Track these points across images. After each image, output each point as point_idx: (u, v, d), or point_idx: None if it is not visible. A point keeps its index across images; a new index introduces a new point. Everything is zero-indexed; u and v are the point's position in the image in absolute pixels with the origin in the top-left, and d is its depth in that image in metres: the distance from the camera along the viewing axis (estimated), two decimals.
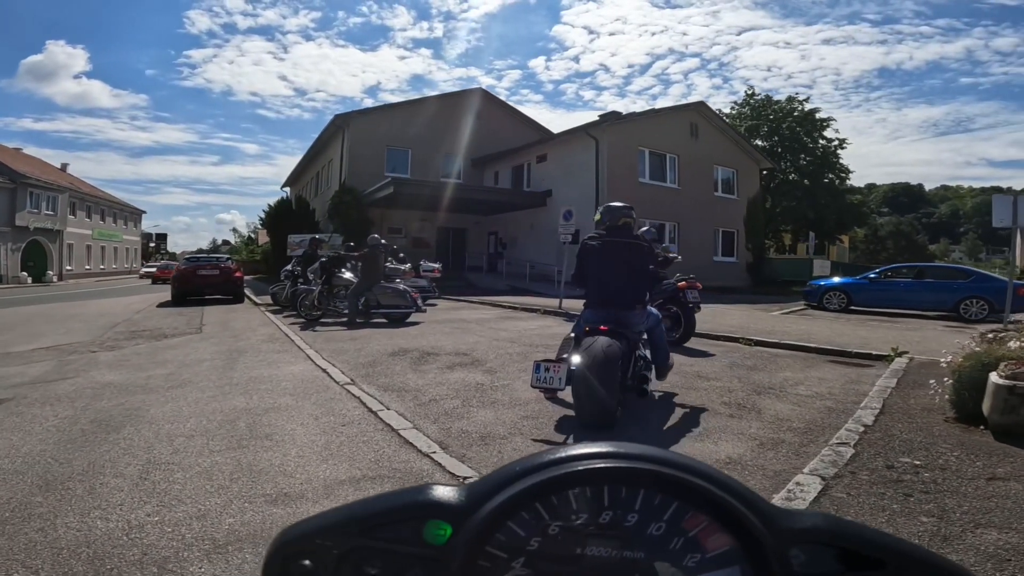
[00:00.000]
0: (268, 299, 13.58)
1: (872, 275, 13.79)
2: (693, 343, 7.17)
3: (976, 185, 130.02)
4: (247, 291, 16.43)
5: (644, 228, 6.33)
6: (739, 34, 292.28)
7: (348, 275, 9.48)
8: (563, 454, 0.37)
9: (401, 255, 13.38)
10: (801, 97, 32.27)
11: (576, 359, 3.54)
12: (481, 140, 24.32)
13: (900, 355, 5.76)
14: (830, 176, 33.28)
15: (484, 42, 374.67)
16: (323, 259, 9.67)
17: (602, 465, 0.36)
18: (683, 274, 7.50)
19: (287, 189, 36.11)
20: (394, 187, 17.93)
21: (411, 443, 3.42)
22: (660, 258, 5.50)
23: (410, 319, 9.44)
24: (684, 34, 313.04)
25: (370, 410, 4.20)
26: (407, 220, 23.17)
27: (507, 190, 22.95)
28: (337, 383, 5.14)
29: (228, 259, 16.97)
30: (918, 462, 2.91)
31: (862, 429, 3.38)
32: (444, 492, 0.38)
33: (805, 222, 33.81)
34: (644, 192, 18.99)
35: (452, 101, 24.83)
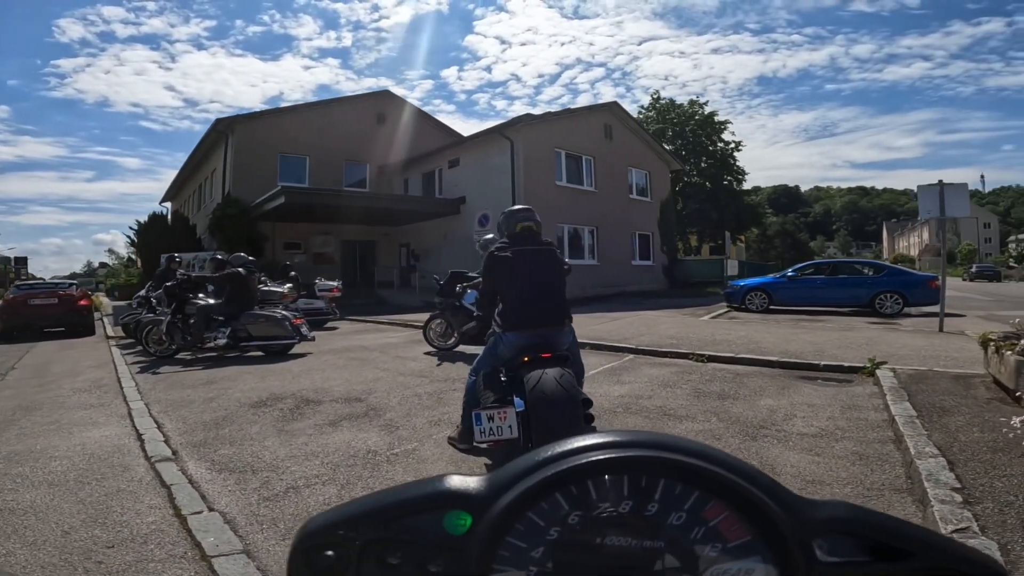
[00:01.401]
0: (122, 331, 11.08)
1: (790, 273, 13.72)
2: (641, 363, 6.09)
3: (843, 185, 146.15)
4: (105, 321, 13.66)
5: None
6: (640, 44, 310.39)
7: (206, 301, 7.51)
8: (583, 443, 0.37)
9: (293, 274, 11.41)
10: (703, 100, 33.41)
11: (520, 400, 2.92)
12: (388, 146, 22.57)
13: (878, 367, 4.97)
14: (728, 178, 34.86)
15: (396, 52, 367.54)
16: (169, 283, 7.61)
17: (622, 454, 0.36)
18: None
19: (167, 204, 32.12)
20: (285, 197, 15.74)
21: None
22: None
23: (296, 350, 7.66)
24: (591, 44, 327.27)
25: (177, 513, 2.64)
26: (306, 234, 20.88)
27: (417, 198, 21.33)
28: (148, 459, 3.50)
29: (72, 285, 13.97)
30: None
31: (956, 497, 2.28)
32: (464, 482, 0.38)
33: (710, 223, 35.15)
34: (562, 195, 18.20)
35: (355, 105, 22.89)
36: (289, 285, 9.53)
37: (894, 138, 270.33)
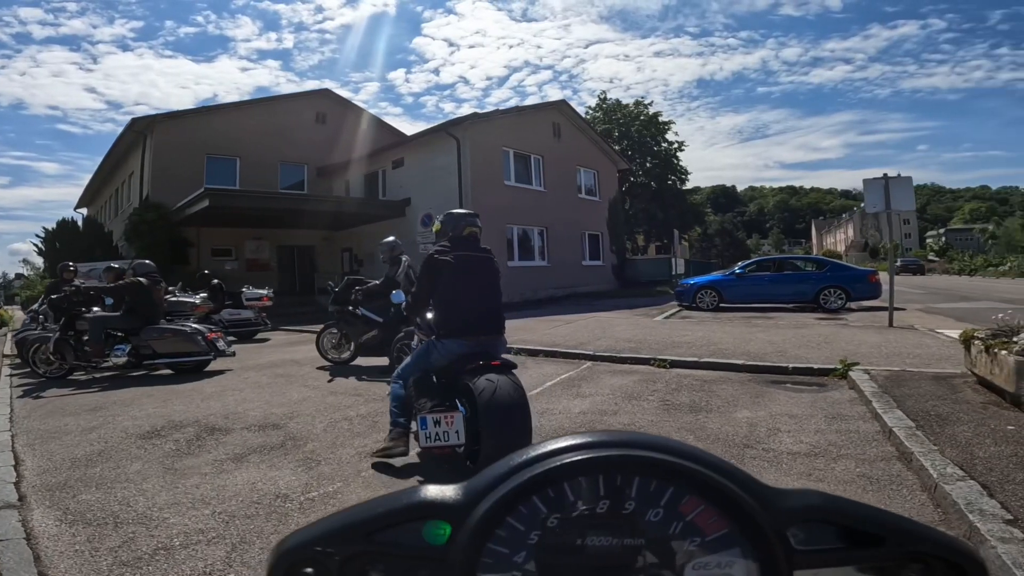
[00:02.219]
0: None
1: (738, 270, 13.75)
2: (601, 371, 5.61)
3: (775, 185, 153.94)
4: (10, 338, 12.03)
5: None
6: (587, 47, 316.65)
7: (99, 314, 6.46)
8: (556, 446, 0.37)
9: (215, 282, 10.31)
10: (647, 101, 33.78)
11: (462, 406, 2.92)
12: (329, 146, 21.42)
13: (850, 368, 4.67)
14: (672, 178, 35.49)
15: (340, 54, 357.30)
16: (55, 296, 6.51)
17: (595, 455, 0.36)
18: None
19: (83, 210, 29.53)
20: (210, 200, 14.44)
21: None
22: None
23: (214, 367, 6.73)
24: (539, 47, 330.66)
25: None
26: (238, 239, 19.46)
27: (360, 200, 20.26)
28: None
29: None
30: None
31: (1016, 532, 1.86)
32: (441, 491, 0.37)
33: (656, 223, 35.69)
34: (511, 195, 17.71)
35: (292, 104, 21.61)
36: (203, 295, 8.37)
37: (819, 139, 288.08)
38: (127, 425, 4.35)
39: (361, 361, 6.78)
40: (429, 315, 3.33)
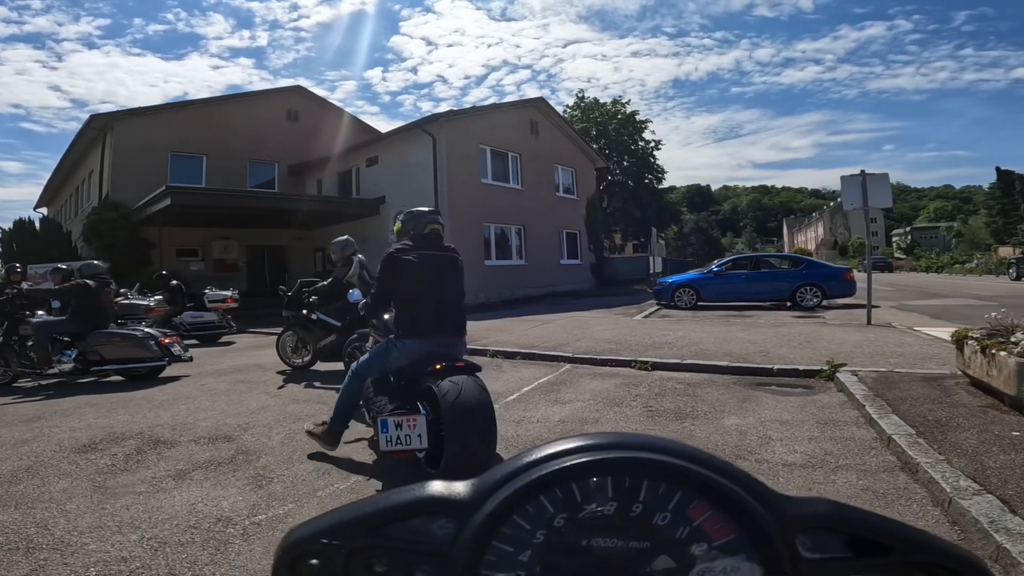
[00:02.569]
0: None
1: (716, 268, 13.72)
2: (581, 374, 5.38)
3: (748, 184, 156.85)
4: None
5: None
6: (565, 46, 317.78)
7: (44, 318, 6.00)
8: (566, 446, 0.37)
9: (174, 283, 9.77)
10: (624, 100, 33.80)
11: (423, 408, 2.84)
12: (301, 144, 20.87)
13: (837, 369, 4.51)
14: (649, 177, 35.62)
15: (316, 52, 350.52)
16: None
17: (605, 456, 0.36)
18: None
19: (43, 210, 28.37)
20: (172, 198, 13.83)
21: None
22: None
23: (169, 373, 6.30)
24: (517, 46, 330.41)
25: None
26: (204, 239, 18.80)
27: (333, 198, 19.74)
28: None
29: None
30: None
31: None
32: (448, 488, 0.37)
33: (633, 221, 35.78)
34: (487, 193, 17.43)
35: (263, 101, 21.04)
36: (157, 297, 7.78)
37: (790, 139, 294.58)
38: (63, 438, 3.96)
39: (321, 366, 6.47)
40: (387, 315, 3.25)
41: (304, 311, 6.24)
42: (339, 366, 5.98)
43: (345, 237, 6.20)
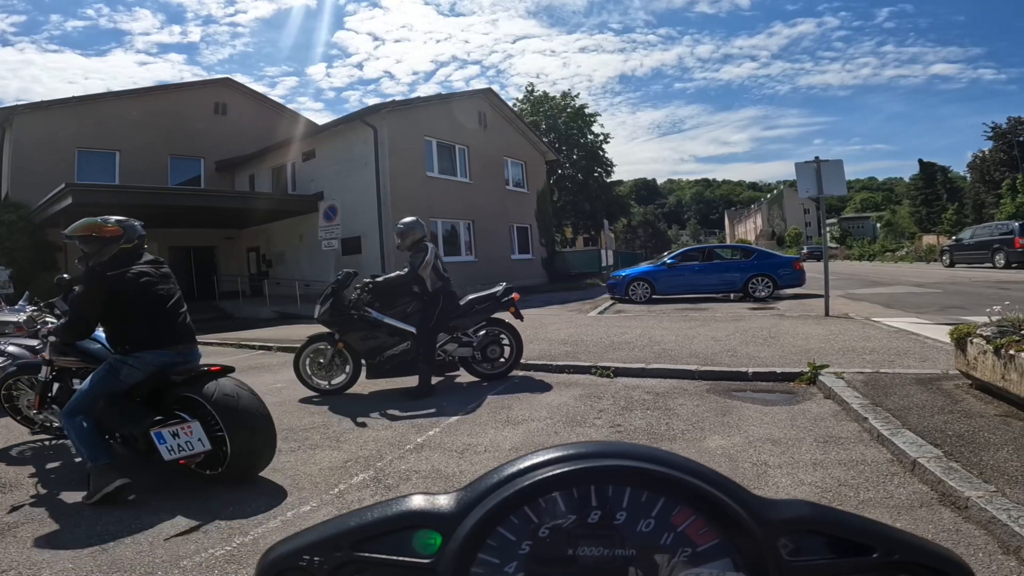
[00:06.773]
0: None
1: (669, 261, 13.50)
2: (537, 382, 4.79)
3: (691, 178, 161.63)
4: None
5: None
6: (514, 42, 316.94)
7: None
8: (547, 456, 0.37)
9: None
10: (573, 93, 33.53)
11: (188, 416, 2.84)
12: (229, 139, 19.46)
13: (818, 371, 4.10)
14: (599, 170, 35.61)
15: (253, 47, 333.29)
16: None
17: (586, 465, 0.36)
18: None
19: None
20: (73, 197, 12.34)
21: None
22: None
23: None
24: (466, 42, 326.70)
25: None
26: None
27: (265, 195, 18.41)
28: None
29: None
30: None
31: None
32: (431, 501, 0.37)
33: (583, 214, 35.71)
34: (433, 187, 16.63)
35: (186, 94, 19.56)
36: (32, 308, 6.35)
37: (728, 133, 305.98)
38: None
39: (360, 388, 5.15)
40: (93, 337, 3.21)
41: (354, 311, 4.90)
42: (398, 382, 5.01)
43: (414, 219, 5.10)
